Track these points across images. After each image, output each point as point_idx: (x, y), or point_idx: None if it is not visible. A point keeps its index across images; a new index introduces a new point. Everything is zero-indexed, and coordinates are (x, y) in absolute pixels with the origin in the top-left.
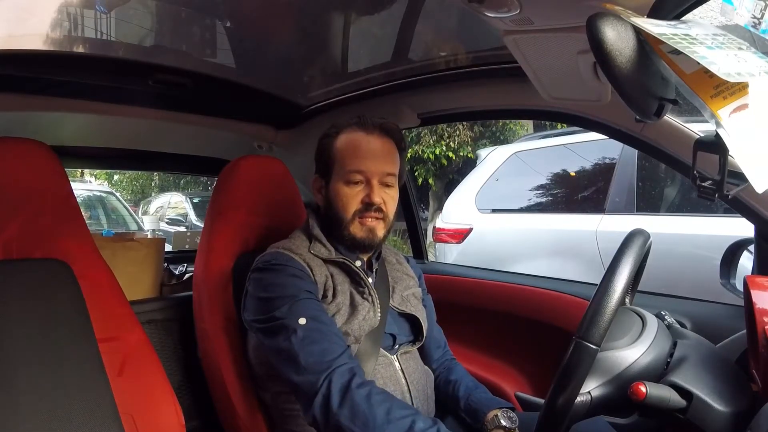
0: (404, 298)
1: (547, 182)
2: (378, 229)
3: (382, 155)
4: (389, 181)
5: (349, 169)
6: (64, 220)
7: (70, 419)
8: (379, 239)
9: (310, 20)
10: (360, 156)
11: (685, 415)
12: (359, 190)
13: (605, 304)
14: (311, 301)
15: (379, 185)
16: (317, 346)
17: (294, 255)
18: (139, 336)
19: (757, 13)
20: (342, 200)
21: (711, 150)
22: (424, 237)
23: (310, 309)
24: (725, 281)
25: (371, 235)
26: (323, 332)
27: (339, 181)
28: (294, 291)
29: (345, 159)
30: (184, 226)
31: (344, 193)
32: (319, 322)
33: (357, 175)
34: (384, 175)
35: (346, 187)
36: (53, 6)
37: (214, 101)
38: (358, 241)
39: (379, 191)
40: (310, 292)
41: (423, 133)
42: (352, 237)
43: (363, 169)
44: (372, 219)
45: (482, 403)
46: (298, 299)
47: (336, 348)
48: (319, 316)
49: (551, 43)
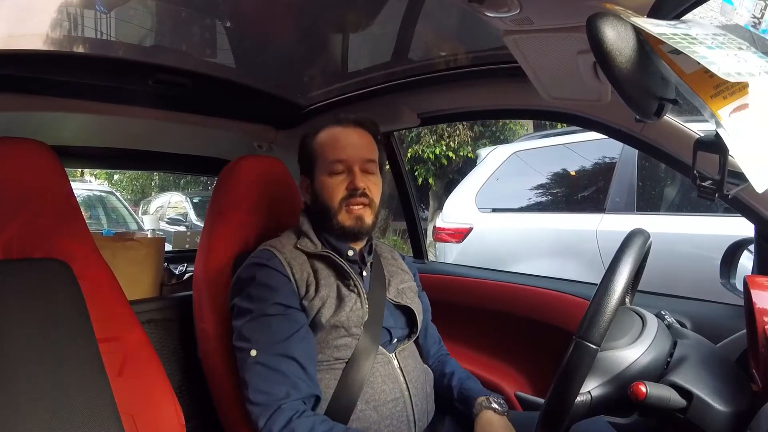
0: (400, 291)
1: (547, 182)
2: (365, 215)
3: (360, 144)
4: (370, 168)
5: (330, 160)
6: (64, 220)
7: (70, 419)
8: (368, 226)
9: (310, 20)
10: (339, 146)
11: (685, 414)
12: (342, 178)
13: (605, 303)
14: (274, 319)
15: (360, 172)
16: (265, 384)
17: (277, 252)
18: (139, 336)
19: (757, 13)
20: (327, 190)
21: (711, 150)
22: (424, 237)
23: (267, 333)
24: (725, 281)
25: (360, 223)
26: (271, 367)
27: (323, 174)
28: (261, 306)
29: (325, 152)
30: (184, 226)
31: (328, 184)
32: (269, 355)
33: (338, 165)
34: (364, 161)
35: (329, 177)
36: (53, 6)
37: (214, 101)
38: (348, 230)
39: (362, 177)
40: (279, 304)
41: (423, 133)
42: (341, 226)
43: (344, 158)
44: (359, 206)
45: (474, 390)
46: (261, 315)
47: (281, 386)
48: (273, 343)
49: (551, 43)
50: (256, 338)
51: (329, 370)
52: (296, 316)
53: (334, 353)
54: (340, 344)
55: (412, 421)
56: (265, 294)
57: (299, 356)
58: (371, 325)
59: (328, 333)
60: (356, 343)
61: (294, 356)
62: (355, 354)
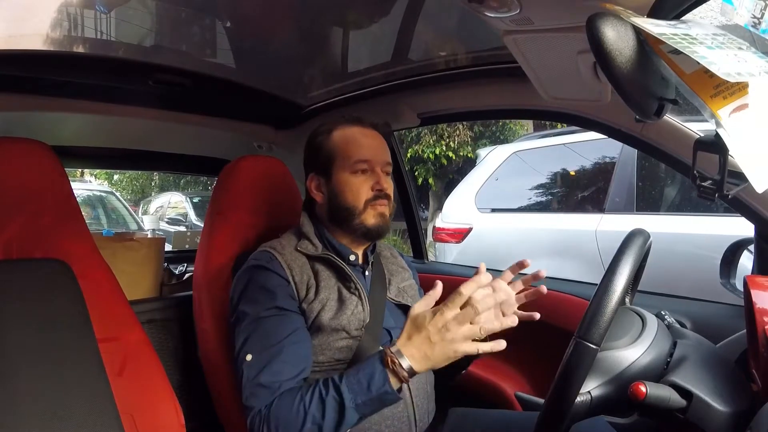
0: (400, 289)
1: (546, 182)
2: (386, 214)
3: (381, 147)
4: (388, 170)
5: (355, 160)
6: (64, 220)
7: (70, 419)
8: (388, 225)
9: (310, 20)
10: (363, 147)
11: (685, 415)
12: (365, 178)
13: (605, 304)
14: (269, 322)
15: (382, 173)
16: (255, 388)
17: (277, 254)
18: (139, 336)
19: (757, 13)
20: (352, 189)
21: (711, 150)
22: (424, 237)
23: (262, 337)
24: (725, 281)
25: (383, 221)
26: (263, 372)
27: (344, 173)
28: (257, 309)
29: (348, 151)
30: (184, 226)
31: (353, 182)
32: (261, 360)
33: (363, 164)
34: (385, 164)
35: (353, 176)
36: (53, 6)
37: (214, 101)
38: (372, 228)
39: (385, 179)
40: (275, 307)
41: (423, 133)
42: (364, 225)
43: (369, 158)
44: (382, 205)
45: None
46: (257, 319)
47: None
48: (266, 348)
49: (551, 43)
50: (251, 342)
51: (330, 371)
52: (292, 318)
53: (335, 355)
54: (341, 346)
55: (413, 421)
56: (262, 297)
57: (291, 360)
58: (372, 326)
59: (329, 335)
60: (357, 345)
61: (286, 360)
62: (356, 355)
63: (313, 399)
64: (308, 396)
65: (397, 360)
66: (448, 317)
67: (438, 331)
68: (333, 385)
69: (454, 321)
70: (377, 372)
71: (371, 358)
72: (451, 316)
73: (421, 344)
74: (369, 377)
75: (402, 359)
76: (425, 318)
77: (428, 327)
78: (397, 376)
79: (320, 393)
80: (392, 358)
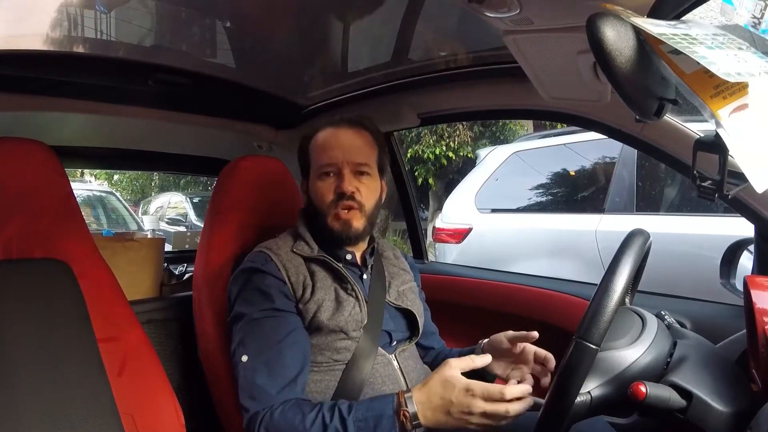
0: (400, 293)
1: (546, 182)
2: (354, 219)
3: (352, 145)
4: (364, 170)
5: (320, 164)
6: (64, 220)
7: (70, 419)
8: (356, 230)
9: (310, 20)
10: (329, 148)
11: (685, 415)
12: (331, 182)
13: (605, 304)
14: (266, 324)
15: (351, 174)
16: (252, 390)
17: (272, 255)
18: (139, 336)
19: (757, 13)
20: (317, 194)
21: (711, 150)
22: (424, 237)
23: (259, 338)
24: (725, 281)
25: (346, 227)
26: (259, 373)
27: (314, 178)
28: (253, 310)
29: (317, 155)
30: (184, 226)
31: (318, 187)
32: (258, 361)
33: (328, 168)
34: (355, 164)
35: (319, 181)
36: (53, 6)
37: (214, 101)
38: (336, 234)
39: (351, 180)
40: (271, 309)
41: (423, 133)
42: (330, 230)
43: (333, 161)
44: (346, 210)
45: (452, 354)
46: (253, 320)
47: (267, 393)
48: (263, 349)
49: (551, 43)
50: (248, 343)
51: (329, 371)
52: (289, 319)
53: (333, 355)
54: (339, 347)
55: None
56: (258, 299)
57: (288, 361)
58: (370, 328)
59: (327, 336)
60: (355, 346)
61: (283, 362)
62: (355, 356)
63: (315, 423)
64: (310, 417)
65: (409, 415)
66: (477, 407)
67: (460, 411)
68: (339, 416)
69: (481, 414)
70: (385, 418)
71: (383, 401)
72: (481, 409)
73: (439, 411)
74: (377, 420)
75: (415, 419)
76: (454, 387)
77: (453, 399)
78: (404, 426)
79: (323, 419)
80: (405, 413)
